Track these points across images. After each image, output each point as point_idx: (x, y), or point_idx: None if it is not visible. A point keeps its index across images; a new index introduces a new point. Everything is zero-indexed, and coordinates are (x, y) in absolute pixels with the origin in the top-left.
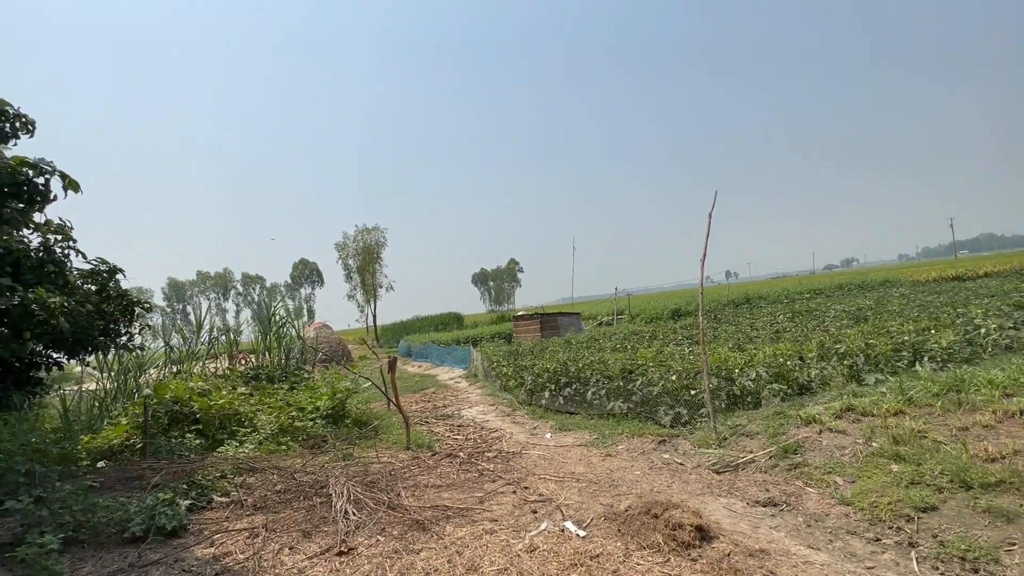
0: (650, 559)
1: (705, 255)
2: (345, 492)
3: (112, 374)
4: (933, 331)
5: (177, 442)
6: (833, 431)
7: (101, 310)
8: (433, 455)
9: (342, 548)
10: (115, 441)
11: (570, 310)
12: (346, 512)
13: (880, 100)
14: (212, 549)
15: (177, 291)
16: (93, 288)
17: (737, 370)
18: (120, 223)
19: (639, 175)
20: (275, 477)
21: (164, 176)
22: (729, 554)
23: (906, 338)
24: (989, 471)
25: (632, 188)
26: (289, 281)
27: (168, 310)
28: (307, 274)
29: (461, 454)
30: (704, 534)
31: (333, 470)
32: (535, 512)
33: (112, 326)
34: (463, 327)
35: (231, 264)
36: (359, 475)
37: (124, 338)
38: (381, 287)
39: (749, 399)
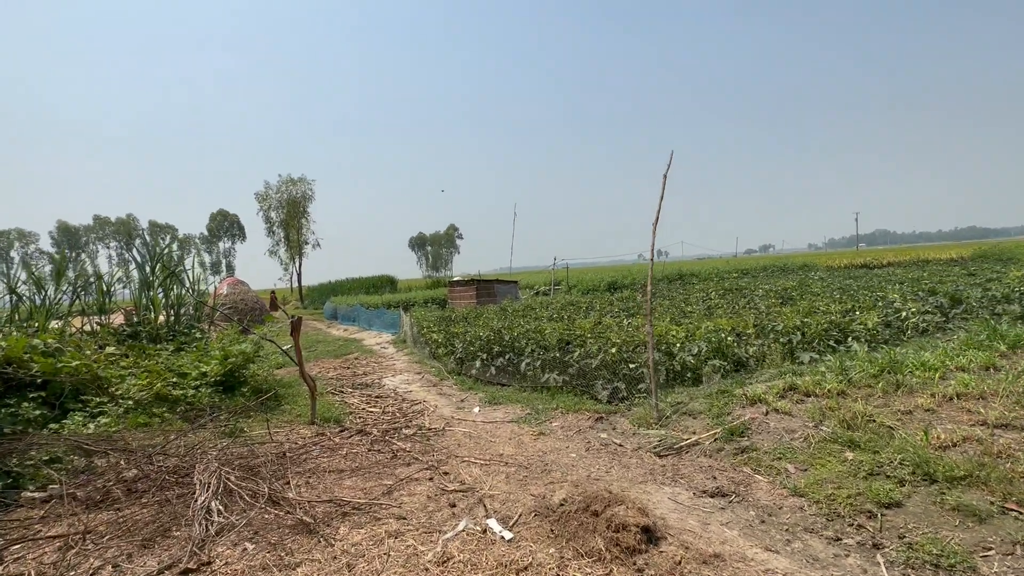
0: (589, 570)
1: (658, 219)
2: (213, 482)
3: None
4: (858, 312)
5: (7, 414)
6: (780, 412)
7: None
8: (341, 431)
9: (190, 564)
10: None
11: (508, 278)
12: (208, 510)
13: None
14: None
15: (69, 236)
16: None
17: (678, 344)
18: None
19: (580, 152)
20: (125, 461)
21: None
22: (680, 561)
23: (833, 318)
24: (954, 464)
25: (572, 164)
26: (206, 233)
27: (56, 257)
28: (227, 226)
29: (375, 430)
30: (650, 535)
31: (209, 451)
32: (454, 506)
33: None
34: (396, 291)
35: (137, 211)
36: (241, 458)
37: None
38: (307, 244)
39: (689, 375)
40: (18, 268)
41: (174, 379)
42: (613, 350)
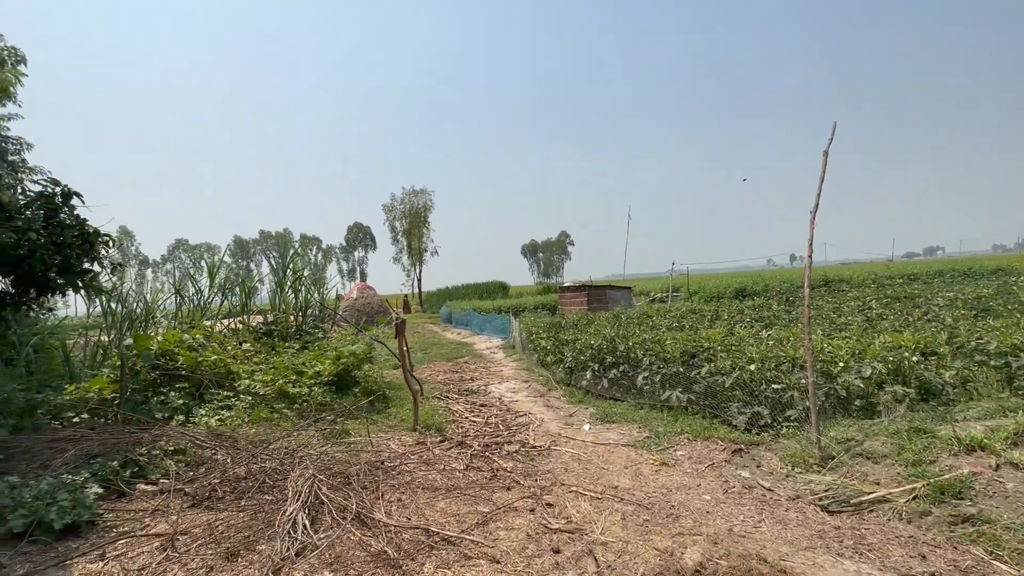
0: None
1: (817, 206)
2: (305, 490)
3: (112, 321)
4: None
5: (157, 402)
6: (1019, 468)
7: (55, 243)
8: (441, 441)
9: None
10: (91, 394)
11: (621, 284)
12: (295, 523)
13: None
14: (99, 565)
15: (242, 248)
16: (41, 214)
17: (840, 364)
18: (188, 184)
19: (695, 154)
20: (232, 460)
21: (227, 143)
22: None
23: None
24: None
25: (689, 166)
26: (344, 244)
27: (233, 266)
28: (360, 237)
29: (475, 444)
30: None
31: (310, 454)
32: (557, 552)
33: (73, 262)
34: (508, 296)
35: (292, 225)
36: (338, 464)
37: (88, 276)
38: (427, 251)
39: (857, 404)
40: (198, 274)
41: (293, 376)
42: (752, 367)
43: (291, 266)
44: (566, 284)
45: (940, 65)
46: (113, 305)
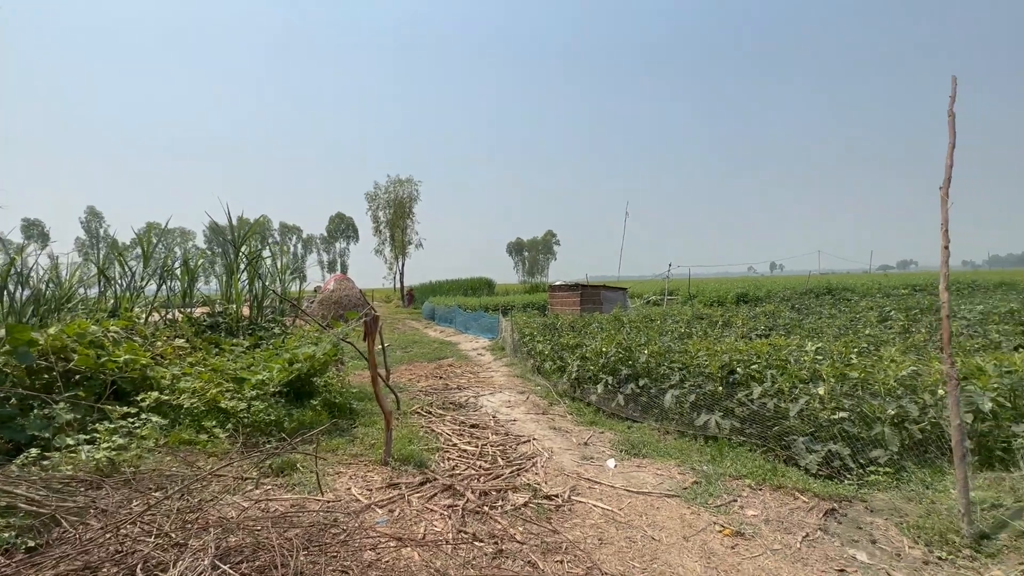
0: None
1: (949, 178)
2: None
3: (9, 309)
4: None
5: (39, 417)
6: None
7: None
8: (422, 483)
9: None
10: None
11: (616, 285)
12: None
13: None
14: None
15: (218, 234)
16: None
17: (941, 389)
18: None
19: (691, 160)
20: (84, 528)
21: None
22: None
23: None
24: None
25: (683, 169)
26: (325, 234)
27: (208, 252)
28: (342, 228)
29: (469, 490)
30: None
31: (222, 518)
32: None
33: None
34: (494, 294)
35: (271, 212)
36: (263, 534)
37: None
38: (411, 243)
39: (967, 445)
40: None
41: (231, 385)
42: (821, 391)
43: (246, 247)
44: (557, 283)
45: (923, 78)
46: (12, 288)
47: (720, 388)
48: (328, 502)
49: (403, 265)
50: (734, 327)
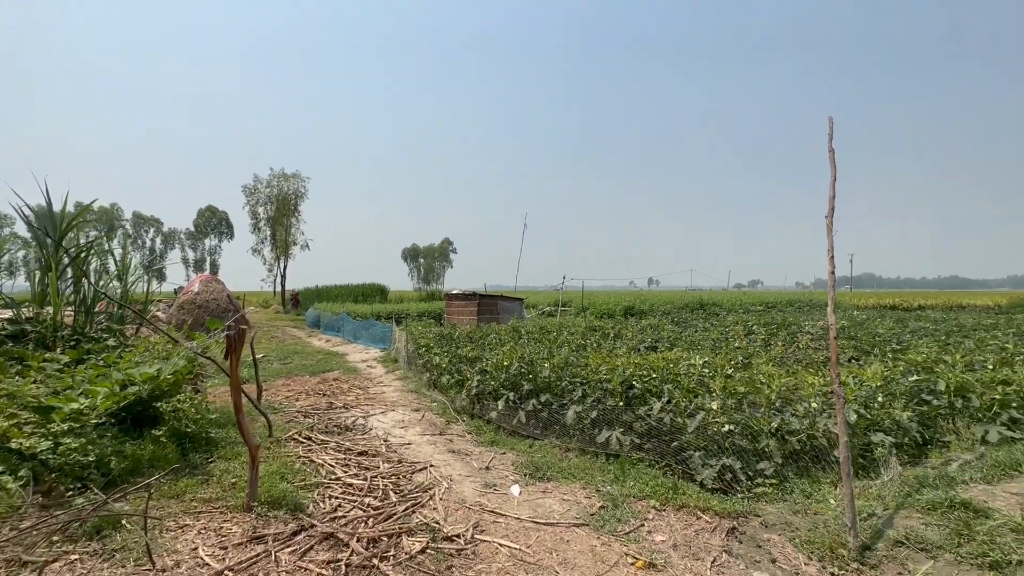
0: None
1: (832, 210)
2: None
3: None
4: (991, 368)
5: None
6: None
7: None
8: (295, 533)
9: None
10: None
11: (512, 295)
12: None
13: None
14: None
15: (46, 222)
16: None
17: (812, 403)
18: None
19: (580, 181)
20: None
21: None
22: None
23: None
24: None
25: (574, 189)
26: (192, 229)
27: (32, 244)
28: (214, 223)
29: (354, 539)
30: None
31: None
32: None
33: None
34: (387, 301)
35: (123, 201)
36: None
37: None
38: (295, 244)
39: (834, 455)
40: None
41: (31, 417)
42: (714, 405)
43: (69, 236)
44: (455, 292)
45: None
46: None
47: (621, 403)
48: (158, 574)
49: (285, 267)
50: (624, 339)
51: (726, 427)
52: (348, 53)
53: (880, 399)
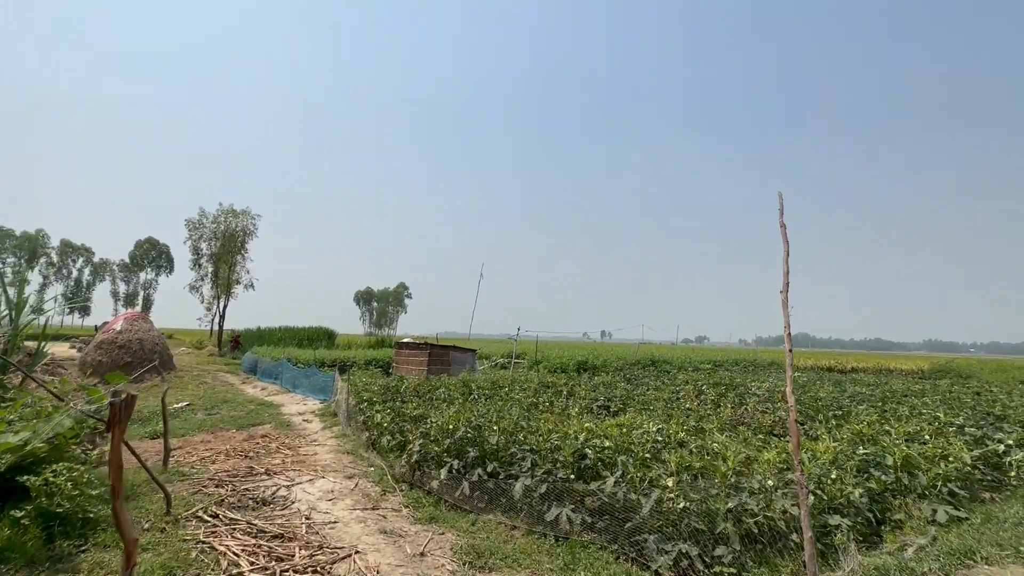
0: None
1: (787, 283)
2: None
3: None
4: (928, 438)
5: None
6: None
7: None
8: None
9: None
10: None
11: (465, 346)
12: None
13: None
14: None
15: None
16: None
17: (765, 478)
18: None
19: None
20: None
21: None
22: None
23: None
24: None
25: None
26: (127, 260)
27: None
28: (152, 256)
29: None
30: None
31: None
32: None
33: None
34: (334, 346)
35: (51, 228)
36: None
37: None
38: (239, 283)
39: (794, 540)
40: None
41: None
42: (669, 482)
43: None
44: (405, 339)
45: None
46: None
47: (572, 475)
48: None
49: (225, 306)
50: (578, 397)
51: (681, 504)
52: (307, 95)
53: (833, 475)
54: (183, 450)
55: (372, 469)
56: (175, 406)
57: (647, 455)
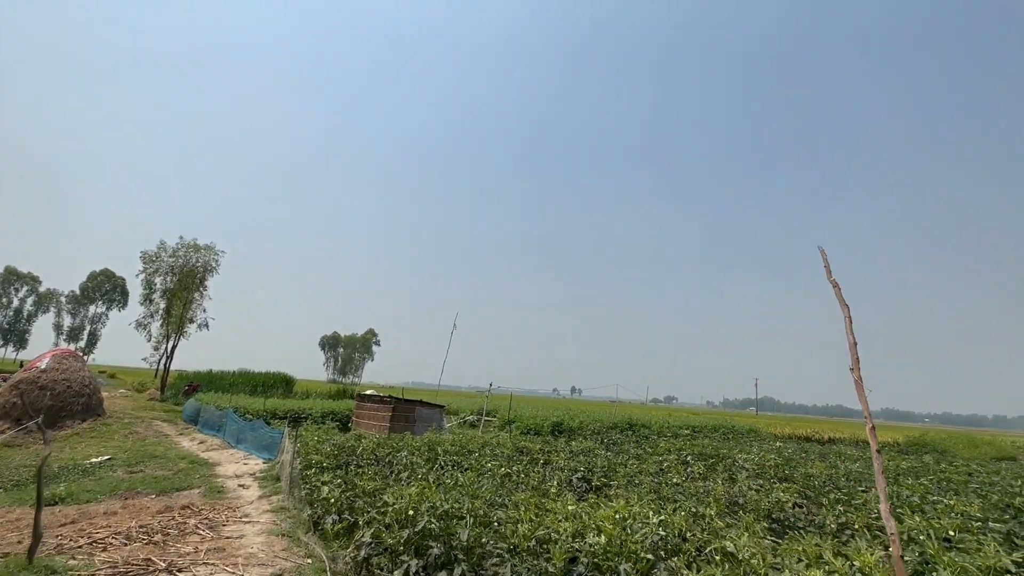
0: None
1: (857, 360)
2: None
3: None
4: (952, 534)
5: None
6: None
7: None
8: None
9: None
10: None
11: (432, 401)
12: None
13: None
14: None
15: None
16: None
17: None
18: None
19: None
20: None
21: None
22: None
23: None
24: None
25: (501, 294)
26: (77, 292)
27: None
28: (104, 289)
29: None
30: None
31: None
32: None
33: None
34: (291, 394)
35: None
36: None
37: None
38: (194, 322)
39: None
40: None
41: None
42: None
43: None
44: (368, 391)
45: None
46: None
47: None
48: None
49: (174, 346)
50: (555, 466)
51: None
52: (281, 140)
53: None
54: (76, 526)
55: (310, 562)
56: (93, 460)
57: (648, 556)
